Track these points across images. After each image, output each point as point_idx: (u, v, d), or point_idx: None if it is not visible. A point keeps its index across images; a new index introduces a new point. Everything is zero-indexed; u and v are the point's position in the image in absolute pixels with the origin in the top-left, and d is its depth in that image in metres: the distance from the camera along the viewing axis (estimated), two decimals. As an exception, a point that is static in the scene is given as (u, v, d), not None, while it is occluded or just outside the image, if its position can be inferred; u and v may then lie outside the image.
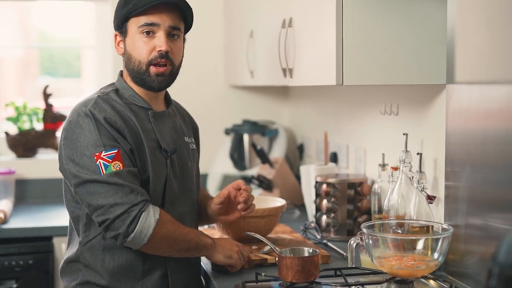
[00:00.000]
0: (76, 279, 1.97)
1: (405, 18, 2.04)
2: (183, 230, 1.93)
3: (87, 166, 1.84)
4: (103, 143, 1.84)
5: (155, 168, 1.94)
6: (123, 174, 1.83)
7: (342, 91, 3.01)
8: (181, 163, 2.06)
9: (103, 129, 1.86)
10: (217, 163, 3.67)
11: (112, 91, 2.00)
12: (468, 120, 1.91)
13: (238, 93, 3.89)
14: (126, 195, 1.81)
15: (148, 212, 1.83)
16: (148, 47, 1.95)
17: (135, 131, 1.93)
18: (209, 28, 3.80)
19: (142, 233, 1.82)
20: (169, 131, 2.05)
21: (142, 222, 1.81)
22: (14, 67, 4.20)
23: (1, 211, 3.12)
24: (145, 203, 1.83)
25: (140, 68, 1.97)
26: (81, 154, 1.85)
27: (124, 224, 1.80)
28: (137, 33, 1.96)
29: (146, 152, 1.93)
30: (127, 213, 1.80)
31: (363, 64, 2.04)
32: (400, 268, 1.79)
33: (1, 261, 3.01)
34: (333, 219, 2.54)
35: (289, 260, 1.84)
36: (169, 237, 1.88)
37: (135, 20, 1.96)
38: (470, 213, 1.91)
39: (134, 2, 1.94)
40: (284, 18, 2.53)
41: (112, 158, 1.83)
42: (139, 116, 1.97)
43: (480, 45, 1.83)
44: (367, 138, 2.73)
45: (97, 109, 1.89)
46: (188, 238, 1.93)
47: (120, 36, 2.02)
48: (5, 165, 3.58)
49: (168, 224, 1.87)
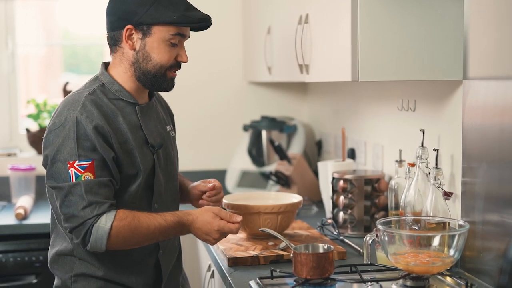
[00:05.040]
0: (70, 272, 2.01)
1: (421, 13, 2.03)
2: (145, 231, 1.92)
3: (60, 171, 1.90)
4: (78, 154, 1.88)
5: (144, 165, 2.00)
6: (90, 185, 1.88)
7: (360, 87, 3.00)
8: (165, 154, 2.12)
9: (84, 138, 1.90)
10: (236, 159, 3.68)
11: (99, 88, 2.02)
12: (485, 116, 1.90)
13: (256, 90, 3.90)
14: (83, 209, 1.87)
15: (100, 223, 1.87)
16: (172, 54, 2.01)
17: (122, 132, 1.97)
18: (227, 25, 3.80)
19: (97, 243, 1.88)
20: (155, 124, 2.09)
21: (94, 235, 1.87)
22: (38, 64, 4.24)
23: (21, 207, 3.16)
24: (98, 217, 1.87)
25: (160, 71, 2.01)
26: (56, 159, 1.90)
27: (80, 235, 1.88)
28: (165, 39, 1.99)
29: (134, 151, 1.98)
30: (82, 225, 1.87)
31: (379, 60, 2.03)
32: (416, 264, 1.78)
33: (22, 256, 3.05)
34: (350, 215, 2.54)
35: (304, 256, 1.84)
36: (127, 241, 1.92)
37: (167, 28, 1.98)
38: (487, 210, 1.89)
39: (178, 15, 1.96)
40: (301, 14, 2.53)
41: (85, 169, 1.88)
42: (125, 112, 2.01)
43: (497, 40, 1.81)
44: (385, 134, 2.72)
45: (85, 114, 1.91)
46: (153, 236, 1.95)
47: (137, 32, 1.99)
48: (26, 162, 3.62)
49: (123, 230, 1.89)
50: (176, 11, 1.97)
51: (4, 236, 3.07)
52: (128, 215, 1.91)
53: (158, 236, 1.96)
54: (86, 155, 1.89)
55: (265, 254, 2.18)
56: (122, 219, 1.89)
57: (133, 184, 1.98)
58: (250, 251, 2.22)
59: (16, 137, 3.80)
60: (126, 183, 1.98)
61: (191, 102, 3.80)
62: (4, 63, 3.75)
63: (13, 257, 3.04)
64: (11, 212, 3.24)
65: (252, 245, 2.30)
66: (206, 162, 3.82)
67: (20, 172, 3.50)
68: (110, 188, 1.92)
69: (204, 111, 3.81)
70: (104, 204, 1.88)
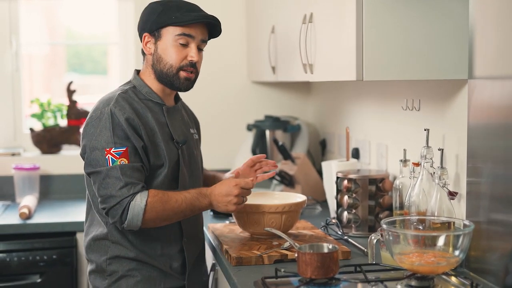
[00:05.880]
0: (105, 255, 2.23)
1: (426, 13, 2.02)
2: (174, 204, 2.14)
3: (97, 158, 2.12)
4: (114, 141, 2.11)
5: (169, 157, 2.20)
6: (125, 168, 2.10)
7: (364, 87, 3.00)
8: (189, 152, 2.33)
9: (118, 128, 2.12)
10: (239, 159, 3.67)
11: (130, 89, 2.24)
12: (490, 116, 1.89)
13: (261, 89, 3.89)
14: (121, 189, 2.08)
15: (135, 201, 2.08)
16: (181, 55, 2.21)
17: (150, 126, 2.18)
18: (231, 25, 3.80)
19: (134, 220, 2.09)
20: (179, 124, 2.32)
21: (131, 212, 2.08)
22: (41, 64, 4.24)
23: (25, 206, 3.16)
24: (134, 195, 2.09)
25: (171, 71, 2.22)
26: (94, 147, 2.12)
27: (118, 213, 2.09)
28: (173, 40, 2.20)
29: (161, 144, 2.19)
30: (119, 204, 2.08)
31: (383, 60, 2.03)
32: (421, 264, 1.77)
33: (26, 256, 3.05)
34: (354, 215, 2.53)
35: (308, 256, 1.84)
36: (160, 216, 2.13)
37: (171, 29, 2.19)
38: (492, 209, 1.89)
39: (176, 15, 2.18)
40: (305, 13, 2.53)
41: (120, 155, 2.10)
42: (154, 111, 2.23)
43: (502, 40, 1.81)
44: (389, 133, 2.72)
45: (118, 107, 2.14)
46: (181, 209, 2.15)
47: (150, 37, 2.23)
48: (30, 161, 3.62)
49: (156, 205, 2.11)
50: (177, 12, 2.18)
51: (8, 236, 3.07)
52: (159, 192, 2.13)
53: (185, 210, 2.15)
54: (121, 143, 2.11)
55: (270, 254, 2.17)
56: (155, 195, 2.11)
57: (160, 174, 2.19)
58: (254, 251, 2.21)
59: (20, 136, 3.80)
60: (153, 173, 2.19)
61: (195, 101, 3.78)
62: (8, 63, 3.75)
63: (17, 257, 3.04)
64: (15, 211, 3.24)
65: (256, 244, 2.29)
66: (209, 161, 3.80)
67: (24, 171, 3.51)
68: (142, 173, 2.14)
69: (208, 111, 3.80)
70: (138, 184, 2.11)
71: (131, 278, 2.22)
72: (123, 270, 2.22)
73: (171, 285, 2.28)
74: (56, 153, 3.73)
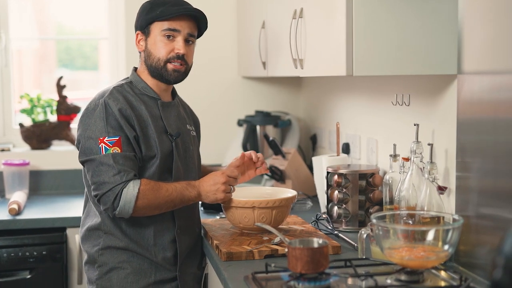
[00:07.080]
0: (97, 245, 2.28)
1: (416, 8, 2.03)
2: (165, 193, 2.20)
3: (91, 147, 2.19)
4: (107, 131, 2.18)
5: (162, 149, 2.26)
6: (118, 157, 2.17)
7: (354, 82, 3.00)
8: (184, 147, 2.39)
9: (111, 118, 2.19)
10: (230, 154, 3.67)
11: (127, 84, 2.33)
12: (479, 110, 1.90)
13: (251, 85, 3.89)
14: (114, 176, 2.15)
15: (128, 188, 2.14)
16: (168, 48, 2.30)
17: (143, 118, 2.25)
18: (221, 20, 3.79)
19: (126, 206, 2.14)
20: (174, 119, 2.38)
21: (123, 199, 2.14)
22: (31, 59, 4.22)
23: (15, 202, 3.15)
24: (126, 183, 2.15)
25: (159, 64, 2.31)
26: (89, 136, 2.19)
27: (110, 200, 2.15)
28: (159, 35, 2.29)
29: (153, 135, 2.25)
30: (111, 190, 2.14)
31: (373, 55, 2.03)
32: (410, 259, 1.78)
33: (15, 252, 3.04)
34: (345, 210, 2.54)
35: (299, 251, 1.84)
36: (151, 204, 2.18)
37: (159, 25, 2.29)
38: (482, 204, 1.90)
39: (160, 10, 2.26)
40: (295, 8, 2.52)
41: (113, 144, 2.17)
42: (149, 105, 2.31)
43: (491, 35, 1.81)
44: (379, 129, 2.72)
45: (112, 99, 2.22)
46: (171, 198, 2.21)
47: (141, 35, 2.34)
48: (20, 157, 3.61)
49: (148, 193, 2.17)
50: (162, 7, 2.27)
51: (-2, 232, 3.06)
52: (151, 181, 2.20)
53: (175, 199, 2.21)
54: (114, 132, 2.19)
55: (260, 249, 2.17)
56: (147, 184, 2.18)
57: (152, 165, 2.25)
58: (244, 246, 2.22)
59: (10, 132, 3.78)
60: (145, 164, 2.25)
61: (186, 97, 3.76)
62: (-3, 58, 3.73)
63: (6, 253, 3.03)
64: (5, 207, 3.23)
65: (247, 239, 2.30)
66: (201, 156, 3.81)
67: (14, 167, 3.49)
68: (134, 162, 2.21)
69: (199, 106, 3.78)
70: (131, 173, 2.17)
71: (121, 270, 2.27)
72: (114, 262, 2.26)
73: (162, 277, 2.31)
74: (46, 148, 3.72)
